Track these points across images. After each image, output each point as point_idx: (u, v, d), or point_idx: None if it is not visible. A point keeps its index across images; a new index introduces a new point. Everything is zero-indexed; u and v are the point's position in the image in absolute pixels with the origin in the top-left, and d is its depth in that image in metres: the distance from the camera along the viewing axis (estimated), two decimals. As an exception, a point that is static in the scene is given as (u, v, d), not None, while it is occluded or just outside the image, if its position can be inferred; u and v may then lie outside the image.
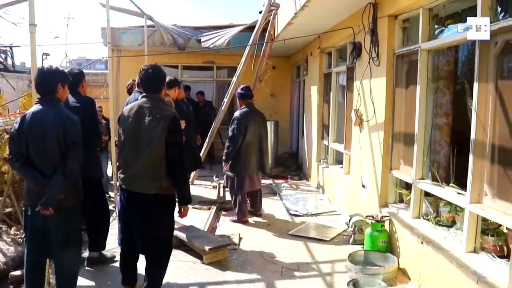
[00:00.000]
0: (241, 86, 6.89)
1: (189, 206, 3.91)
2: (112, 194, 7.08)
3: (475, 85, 3.63)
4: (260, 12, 9.28)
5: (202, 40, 10.47)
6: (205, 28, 11.70)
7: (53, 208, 3.35)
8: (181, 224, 5.86)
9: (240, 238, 5.69)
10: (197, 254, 5.03)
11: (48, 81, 3.55)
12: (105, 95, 10.64)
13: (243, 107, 6.59)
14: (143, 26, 9.95)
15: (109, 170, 8.21)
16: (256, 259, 5.05)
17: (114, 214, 6.36)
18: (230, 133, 6.41)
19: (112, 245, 5.05)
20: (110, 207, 7.44)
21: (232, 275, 4.59)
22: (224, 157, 6.48)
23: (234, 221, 6.53)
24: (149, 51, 10.00)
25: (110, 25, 7.45)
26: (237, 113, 6.53)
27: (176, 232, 5.33)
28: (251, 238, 5.79)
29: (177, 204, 3.83)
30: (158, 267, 3.84)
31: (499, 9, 3.59)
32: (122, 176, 3.76)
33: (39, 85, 3.56)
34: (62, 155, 3.41)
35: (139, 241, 3.77)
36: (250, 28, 9.94)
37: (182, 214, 3.81)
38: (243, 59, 9.11)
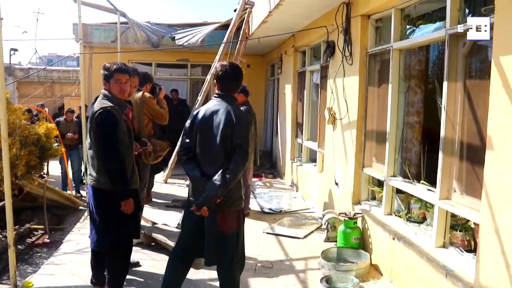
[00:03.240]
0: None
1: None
2: (84, 193, 6.98)
3: (445, 84, 3.71)
4: (235, 10, 9.25)
5: (176, 38, 10.38)
6: (179, 25, 11.61)
7: (208, 210, 3.24)
8: (154, 222, 5.83)
9: (214, 236, 5.66)
10: (170, 252, 4.98)
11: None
12: (76, 93, 10.46)
13: (241, 104, 6.58)
14: (116, 23, 9.81)
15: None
16: (230, 257, 5.04)
17: (86, 213, 6.29)
18: None
19: (84, 245, 5.00)
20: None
21: (206, 274, 4.56)
22: None
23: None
24: (122, 48, 9.86)
25: (82, 21, 7.32)
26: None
27: (149, 231, 5.30)
28: (225, 236, 5.76)
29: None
30: (110, 262, 3.78)
31: (467, 10, 3.69)
32: None
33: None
34: (226, 156, 3.27)
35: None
36: (225, 26, 9.91)
37: (123, 210, 3.61)
38: (217, 57, 9.07)
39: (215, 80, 3.46)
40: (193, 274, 4.53)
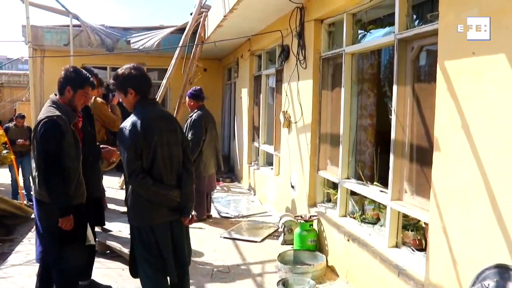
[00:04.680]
0: (194, 87, 6.80)
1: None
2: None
3: (394, 87, 3.81)
4: (191, 14, 9.19)
5: (131, 41, 10.19)
6: (134, 29, 11.43)
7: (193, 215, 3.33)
8: (108, 229, 5.68)
9: (171, 243, 5.58)
10: (125, 260, 4.85)
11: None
12: (27, 97, 10.10)
13: (196, 110, 6.52)
14: (69, 26, 9.56)
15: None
16: (187, 263, 4.98)
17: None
18: (191, 137, 6.29)
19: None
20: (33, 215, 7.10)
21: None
22: None
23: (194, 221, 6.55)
24: (75, 51, 9.62)
25: (33, 23, 7.08)
26: (195, 116, 6.46)
27: (103, 238, 5.16)
28: (182, 242, 5.69)
29: None
30: (56, 274, 3.57)
31: (414, 16, 3.81)
32: None
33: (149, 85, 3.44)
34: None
35: None
36: (181, 29, 9.82)
37: (61, 226, 3.36)
38: (173, 61, 8.99)
39: (129, 87, 3.29)
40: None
